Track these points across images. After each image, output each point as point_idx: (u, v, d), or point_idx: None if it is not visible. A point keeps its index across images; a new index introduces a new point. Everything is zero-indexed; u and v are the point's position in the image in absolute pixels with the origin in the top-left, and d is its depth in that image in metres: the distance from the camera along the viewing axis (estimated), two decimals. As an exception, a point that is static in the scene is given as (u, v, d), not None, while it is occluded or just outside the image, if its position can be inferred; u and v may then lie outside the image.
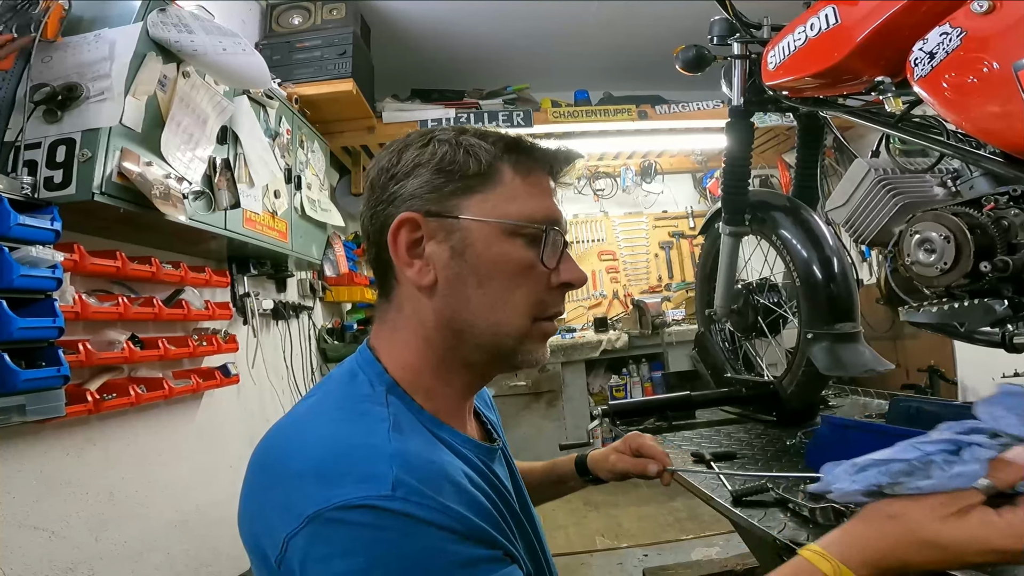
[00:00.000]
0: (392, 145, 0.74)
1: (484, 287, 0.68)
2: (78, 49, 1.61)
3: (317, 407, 0.68)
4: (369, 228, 0.72)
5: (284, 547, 0.56)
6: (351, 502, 0.54)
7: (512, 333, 0.70)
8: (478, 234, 0.68)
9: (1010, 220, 0.76)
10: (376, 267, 0.73)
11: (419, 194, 0.68)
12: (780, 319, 1.53)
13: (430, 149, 0.69)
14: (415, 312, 0.70)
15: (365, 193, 0.74)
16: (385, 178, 0.71)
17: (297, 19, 3.26)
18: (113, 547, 1.73)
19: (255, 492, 0.63)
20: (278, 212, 2.45)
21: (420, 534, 0.54)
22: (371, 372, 0.69)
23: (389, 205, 0.69)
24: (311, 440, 0.61)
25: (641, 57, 3.98)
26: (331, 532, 0.54)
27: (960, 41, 0.80)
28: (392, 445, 0.59)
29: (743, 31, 1.38)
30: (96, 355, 1.59)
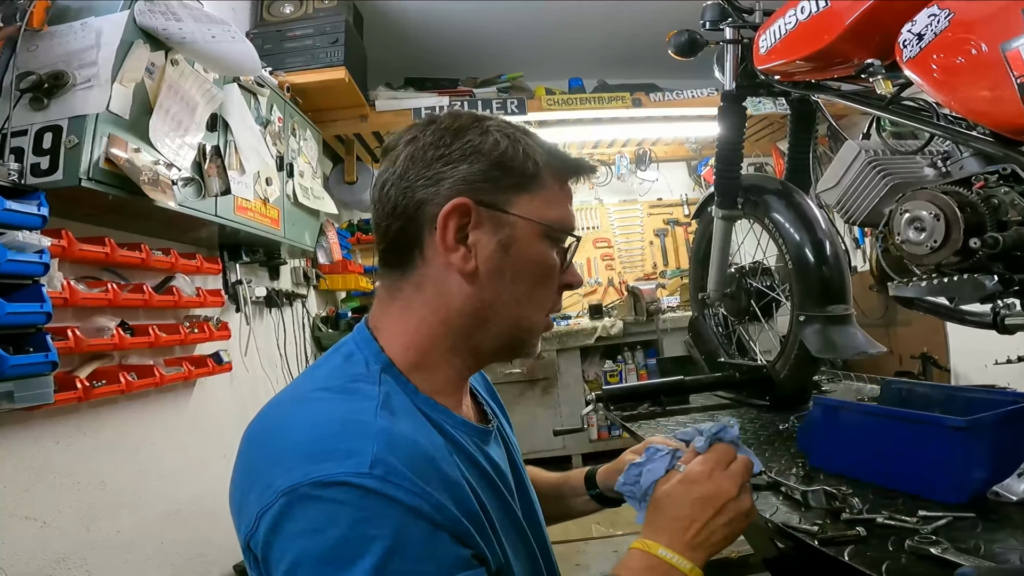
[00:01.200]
0: (436, 123, 0.71)
1: (517, 283, 0.71)
2: (64, 38, 1.60)
3: (309, 386, 0.68)
4: (397, 200, 0.69)
5: (256, 523, 0.56)
6: (326, 478, 0.54)
7: (529, 327, 0.74)
8: (522, 232, 0.70)
9: (1000, 198, 0.76)
10: (396, 241, 0.71)
11: (472, 181, 0.68)
12: (773, 302, 1.54)
13: (491, 140, 0.70)
14: (440, 294, 0.70)
15: (395, 164, 0.71)
16: (432, 154, 0.69)
17: (288, 8, 3.23)
18: (105, 537, 1.72)
19: (242, 469, 0.64)
20: (270, 199, 2.44)
21: (392, 516, 0.54)
22: (368, 351, 0.70)
23: (434, 184, 0.68)
24: (299, 419, 0.62)
25: (635, 45, 3.96)
26: (302, 508, 0.54)
27: (948, 22, 0.80)
28: (378, 423, 0.59)
29: (735, 15, 1.38)
30: (85, 342, 1.58)
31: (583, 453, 4.13)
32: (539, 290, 0.73)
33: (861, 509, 0.79)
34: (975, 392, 0.95)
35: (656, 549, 0.67)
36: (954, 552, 0.66)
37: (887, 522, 0.75)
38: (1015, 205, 0.75)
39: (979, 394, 0.93)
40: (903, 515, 0.76)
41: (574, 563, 2.77)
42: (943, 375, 3.25)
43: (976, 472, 0.74)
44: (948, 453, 0.77)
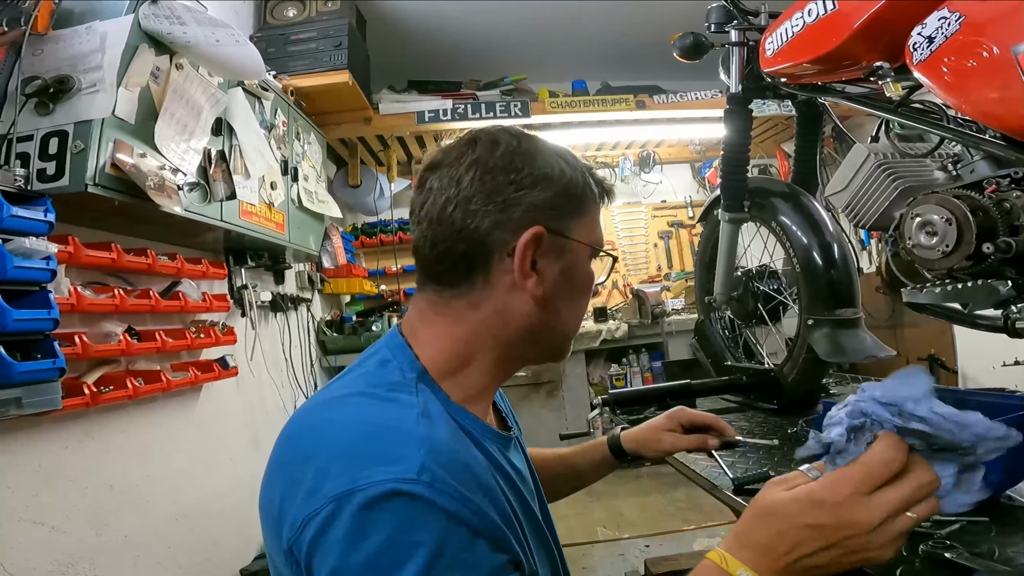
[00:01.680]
0: (503, 144, 0.71)
1: (571, 301, 0.75)
2: (69, 42, 1.60)
3: (347, 391, 0.68)
4: (465, 223, 0.69)
5: (301, 527, 0.56)
6: (375, 484, 0.55)
7: (572, 336, 0.79)
8: (579, 255, 0.74)
9: (1012, 202, 0.76)
10: (456, 260, 0.70)
11: (543, 209, 0.70)
12: (780, 306, 1.53)
13: (558, 167, 0.71)
14: (500, 313, 0.71)
15: (459, 185, 0.69)
16: (503, 179, 0.69)
17: (291, 11, 3.24)
18: (114, 541, 1.73)
19: (282, 470, 0.64)
20: (275, 203, 2.45)
21: (435, 523, 0.55)
22: (403, 359, 0.70)
23: (506, 209, 0.68)
24: (341, 423, 0.63)
25: (639, 47, 3.96)
26: (350, 514, 0.54)
27: (959, 25, 0.80)
28: (420, 430, 0.60)
29: (741, 18, 1.38)
30: (92, 347, 1.58)
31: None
32: (584, 303, 0.78)
33: (874, 515, 0.79)
34: (987, 396, 0.94)
35: (735, 569, 0.57)
36: (968, 557, 0.66)
37: (901, 527, 0.75)
38: (1028, 209, 0.74)
39: (991, 398, 0.93)
40: (917, 519, 0.75)
41: (580, 566, 2.76)
42: (951, 377, 3.24)
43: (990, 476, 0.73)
44: (961, 458, 0.76)
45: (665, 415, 1.10)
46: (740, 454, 1.18)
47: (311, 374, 3.29)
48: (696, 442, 1.06)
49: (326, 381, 3.57)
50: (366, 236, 4.49)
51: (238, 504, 2.39)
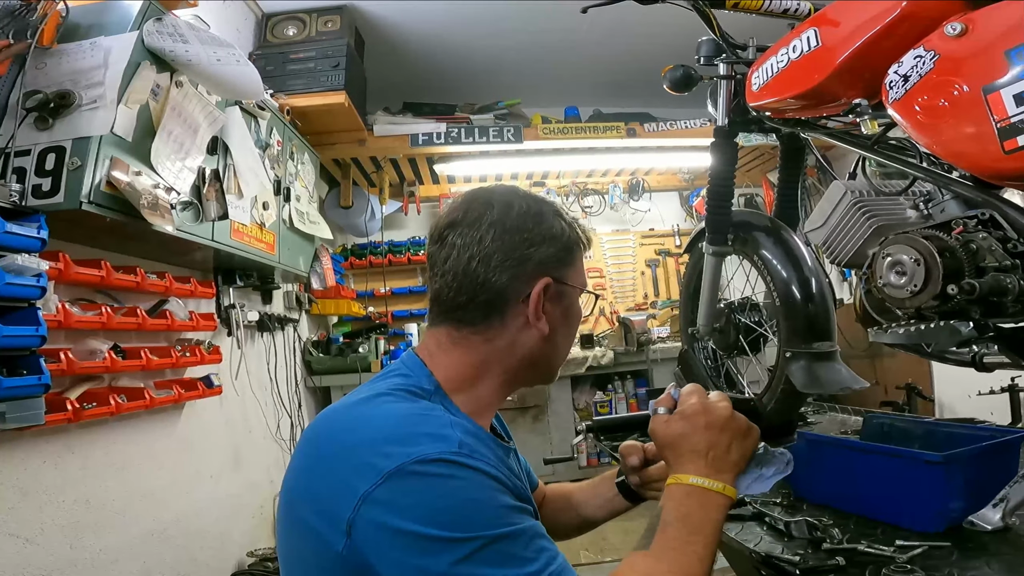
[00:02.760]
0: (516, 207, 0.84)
1: (566, 335, 0.90)
2: (73, 56, 1.61)
3: (373, 392, 0.78)
4: (487, 277, 0.81)
5: (360, 504, 0.64)
6: (429, 455, 0.65)
7: (562, 363, 0.92)
8: (572, 297, 0.88)
9: (978, 244, 0.78)
10: (480, 307, 0.82)
11: (549, 263, 0.83)
12: (761, 338, 1.55)
13: (558, 226, 0.85)
14: (511, 347, 0.84)
15: (481, 243, 0.81)
16: (518, 239, 0.82)
17: (292, 30, 3.27)
18: (88, 555, 1.71)
19: (320, 462, 0.72)
20: (266, 224, 2.45)
21: (484, 483, 0.66)
22: (420, 375, 0.82)
23: (522, 264, 0.82)
24: (379, 416, 0.73)
25: (631, 75, 4.03)
26: (410, 483, 0.64)
27: (933, 64, 0.81)
28: (449, 417, 0.73)
29: (729, 52, 1.38)
30: (77, 364, 1.58)
31: (572, 480, 4.11)
32: (574, 336, 0.93)
33: (841, 539, 0.81)
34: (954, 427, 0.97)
35: (687, 479, 0.76)
36: (927, 579, 0.68)
37: (867, 551, 0.77)
38: (993, 251, 0.76)
39: (958, 429, 0.95)
40: (882, 544, 0.78)
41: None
42: (928, 405, 3.27)
43: (952, 503, 0.76)
44: (926, 485, 0.79)
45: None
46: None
47: (296, 394, 3.28)
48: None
49: (311, 402, 3.58)
50: (356, 257, 4.49)
51: (218, 522, 2.37)
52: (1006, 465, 0.85)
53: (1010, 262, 0.75)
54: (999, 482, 0.80)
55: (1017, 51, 0.72)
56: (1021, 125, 0.71)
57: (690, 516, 0.73)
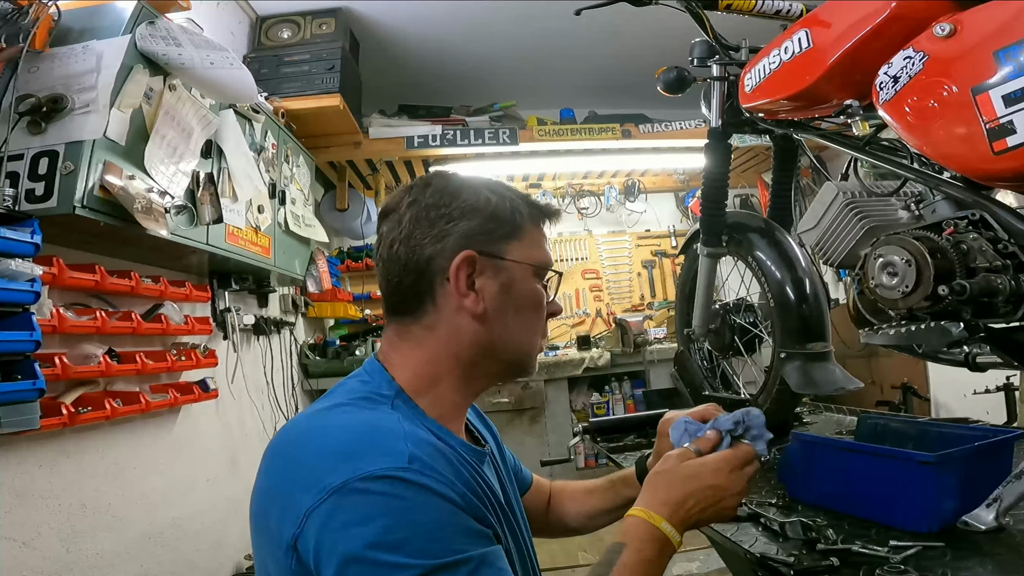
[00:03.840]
0: (432, 185, 0.82)
1: (519, 316, 0.83)
2: (65, 60, 1.61)
3: (330, 403, 0.76)
4: (408, 257, 0.79)
5: (304, 521, 0.62)
6: (373, 473, 0.62)
7: (530, 351, 0.86)
8: (518, 274, 0.82)
9: (968, 244, 0.78)
10: (407, 291, 0.80)
11: (473, 235, 0.79)
12: (756, 339, 1.56)
13: (483, 197, 0.82)
14: (452, 332, 0.80)
15: (400, 225, 0.81)
16: (435, 214, 0.80)
17: (286, 33, 3.27)
18: (84, 558, 1.71)
19: (273, 476, 0.70)
20: (261, 227, 2.45)
21: (431, 504, 0.63)
22: (380, 379, 0.79)
23: (440, 240, 0.79)
24: (331, 427, 0.71)
25: (626, 76, 4.04)
26: (352, 501, 0.61)
27: (922, 65, 0.81)
28: (404, 427, 0.69)
29: (722, 53, 1.39)
30: (72, 369, 1.57)
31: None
32: (534, 319, 0.85)
33: (836, 539, 0.81)
34: (948, 427, 0.97)
35: (660, 523, 0.74)
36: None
37: (861, 551, 0.77)
38: (983, 252, 0.77)
39: (952, 429, 0.96)
40: (875, 545, 0.78)
41: (560, 593, 2.74)
42: (924, 405, 3.28)
43: (946, 503, 0.76)
44: (919, 486, 0.79)
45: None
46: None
47: (292, 397, 3.27)
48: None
49: (307, 404, 3.56)
50: (352, 260, 4.48)
51: (214, 525, 2.36)
52: (999, 465, 0.85)
53: (1001, 263, 0.75)
54: (992, 482, 0.80)
55: (1005, 52, 0.72)
56: (1010, 126, 0.71)
57: (650, 563, 0.71)
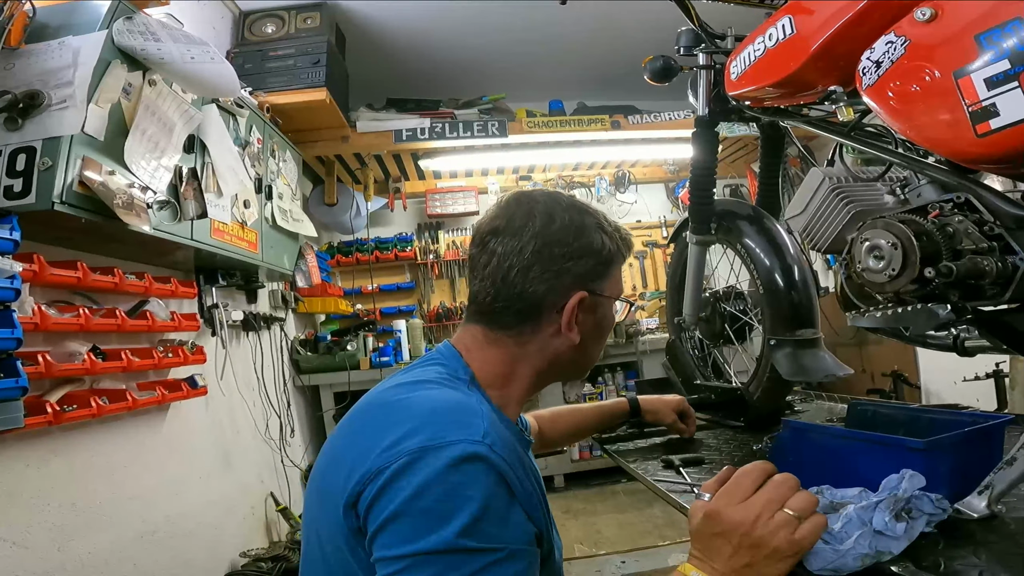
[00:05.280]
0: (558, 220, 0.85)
1: (598, 340, 0.93)
2: (41, 56, 1.58)
3: (413, 379, 0.82)
4: (524, 288, 0.84)
5: (373, 477, 0.67)
6: (449, 443, 0.67)
7: (594, 363, 0.97)
8: (607, 306, 0.90)
9: (954, 227, 0.78)
10: (513, 313, 0.85)
11: (586, 277, 0.86)
12: (746, 326, 1.55)
13: (598, 240, 0.87)
14: (542, 352, 0.87)
15: (522, 254, 0.84)
16: (558, 252, 0.84)
17: (271, 28, 3.24)
18: (77, 557, 1.70)
19: (353, 441, 0.75)
20: (248, 222, 2.43)
21: (488, 482, 0.66)
22: (457, 365, 0.86)
23: (559, 276, 0.84)
24: (416, 399, 0.76)
25: (614, 68, 4.03)
26: (421, 465, 0.65)
27: (904, 49, 0.80)
28: (483, 407, 0.75)
29: (708, 41, 1.38)
30: (56, 366, 1.56)
31: (565, 473, 4.13)
32: (605, 340, 0.96)
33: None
34: (938, 413, 0.97)
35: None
36: (914, 570, 0.67)
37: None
38: (969, 234, 0.76)
39: (942, 415, 0.95)
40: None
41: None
42: (914, 392, 3.30)
43: (937, 491, 0.75)
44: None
45: (678, 398, 1.46)
46: (707, 471, 1.19)
47: (284, 393, 3.26)
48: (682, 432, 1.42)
49: (300, 401, 3.56)
50: (342, 255, 4.47)
51: (209, 523, 2.35)
52: (990, 451, 0.84)
53: (987, 244, 0.75)
54: (983, 469, 0.79)
55: (987, 35, 0.71)
56: (992, 108, 0.70)
57: None
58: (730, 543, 0.68)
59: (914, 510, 0.72)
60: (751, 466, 0.73)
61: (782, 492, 0.69)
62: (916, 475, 0.72)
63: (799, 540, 0.66)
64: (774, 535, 0.66)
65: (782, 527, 0.67)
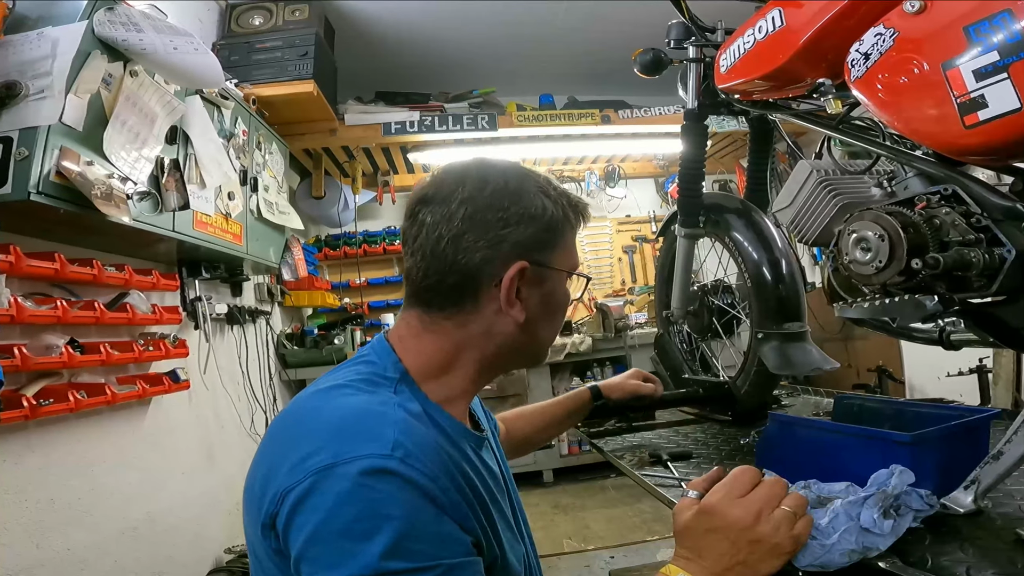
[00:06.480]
0: (492, 183, 0.77)
1: (550, 320, 0.83)
2: (20, 47, 1.57)
3: (332, 383, 0.75)
4: (456, 258, 0.75)
5: (282, 498, 0.62)
6: (354, 459, 0.61)
7: (549, 346, 0.87)
8: (557, 280, 0.81)
9: (941, 219, 0.77)
10: (447, 289, 0.77)
11: (527, 245, 0.77)
12: (734, 320, 1.55)
13: (540, 204, 0.78)
14: (486, 333, 0.79)
15: (451, 221, 0.75)
16: (492, 217, 0.75)
17: (258, 20, 3.21)
18: (56, 554, 1.68)
19: (267, 453, 0.70)
20: (232, 214, 2.40)
21: (408, 499, 0.61)
22: (387, 361, 0.77)
23: (494, 246, 0.75)
24: (326, 409, 0.69)
25: (605, 62, 4.02)
26: (327, 485, 0.60)
27: (893, 42, 0.80)
28: (397, 414, 0.68)
29: (698, 34, 1.38)
30: (32, 360, 1.53)
31: (554, 468, 4.13)
32: (560, 319, 0.86)
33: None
34: (924, 407, 0.97)
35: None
36: (901, 566, 0.67)
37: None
38: (956, 226, 0.76)
39: (927, 409, 0.95)
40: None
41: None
42: (898, 387, 3.33)
43: (923, 485, 0.75)
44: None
45: (635, 370, 1.48)
46: (694, 465, 1.19)
47: (269, 388, 3.23)
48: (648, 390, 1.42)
49: (286, 395, 3.53)
50: (330, 248, 4.44)
51: (192, 519, 2.33)
52: (976, 446, 0.84)
53: (974, 236, 0.74)
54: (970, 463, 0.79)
55: (975, 27, 0.71)
56: (981, 100, 0.70)
57: None
58: (727, 539, 0.67)
59: (902, 506, 0.71)
60: (745, 467, 0.73)
61: (777, 491, 0.70)
62: (906, 471, 0.72)
63: (797, 536, 0.67)
64: (777, 531, 0.66)
65: (783, 523, 0.67)
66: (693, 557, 0.68)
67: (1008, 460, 0.73)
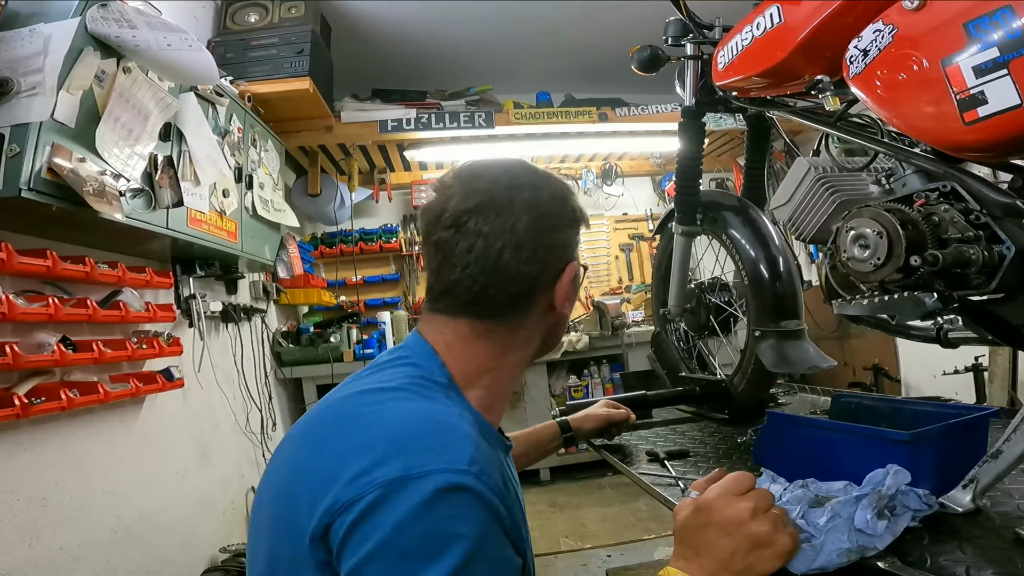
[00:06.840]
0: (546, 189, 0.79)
1: (569, 309, 0.85)
2: (11, 44, 1.56)
3: (385, 385, 0.72)
4: (516, 269, 0.75)
5: (343, 510, 0.58)
6: (428, 474, 0.58)
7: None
8: (578, 272, 0.84)
9: (940, 216, 0.77)
10: (505, 299, 0.77)
11: (571, 245, 0.82)
12: (731, 318, 1.55)
13: (577, 205, 0.83)
14: (533, 335, 0.82)
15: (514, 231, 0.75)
16: (549, 224, 0.78)
17: (253, 17, 3.19)
18: (48, 553, 1.67)
19: (311, 459, 0.66)
20: (227, 212, 2.39)
21: (479, 517, 0.58)
22: (432, 366, 0.76)
23: (551, 251, 0.78)
24: (385, 412, 0.67)
25: (602, 60, 4.01)
26: (397, 500, 0.57)
27: (892, 38, 0.80)
28: (465, 426, 0.66)
29: (696, 31, 1.38)
30: (24, 358, 1.52)
31: (551, 467, 4.13)
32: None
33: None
34: (921, 405, 0.96)
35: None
36: (900, 565, 0.66)
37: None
38: (955, 223, 0.75)
39: (924, 407, 0.95)
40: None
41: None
42: (894, 386, 3.34)
43: (922, 484, 0.74)
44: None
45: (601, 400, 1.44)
46: (691, 463, 1.19)
47: (265, 387, 3.22)
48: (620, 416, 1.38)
49: (281, 394, 3.52)
50: (326, 246, 4.43)
51: (186, 519, 2.32)
52: (974, 444, 0.84)
53: (972, 233, 0.74)
54: (968, 462, 0.78)
55: (975, 23, 0.71)
56: (981, 96, 0.70)
57: None
58: (726, 535, 0.67)
59: (898, 507, 0.71)
60: (743, 472, 0.73)
61: (768, 497, 0.70)
62: (901, 471, 0.71)
63: (794, 535, 0.67)
64: (775, 529, 0.67)
65: (779, 522, 0.67)
66: (691, 556, 0.68)
67: (1007, 459, 0.72)
